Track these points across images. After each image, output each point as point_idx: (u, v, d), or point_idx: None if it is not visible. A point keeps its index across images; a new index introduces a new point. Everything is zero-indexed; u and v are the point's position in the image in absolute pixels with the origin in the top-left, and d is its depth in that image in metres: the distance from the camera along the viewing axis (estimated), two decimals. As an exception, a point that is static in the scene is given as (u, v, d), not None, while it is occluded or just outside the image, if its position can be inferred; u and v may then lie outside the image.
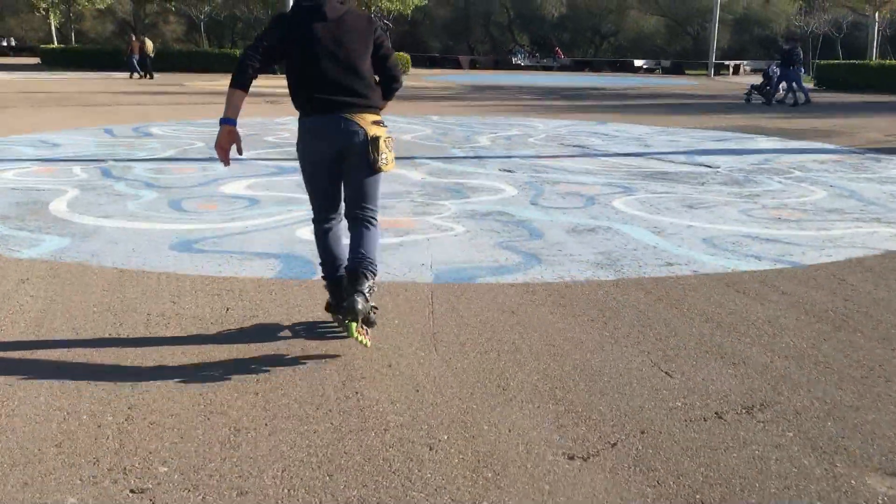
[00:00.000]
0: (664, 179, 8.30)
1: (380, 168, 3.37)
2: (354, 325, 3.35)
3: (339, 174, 3.46)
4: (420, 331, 3.74)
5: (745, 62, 49.25)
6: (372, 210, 3.49)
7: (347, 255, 3.45)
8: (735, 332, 3.78)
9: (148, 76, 29.23)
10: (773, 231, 5.95)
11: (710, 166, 9.29)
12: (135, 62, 29.36)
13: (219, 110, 3.60)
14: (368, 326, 3.49)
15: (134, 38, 31.39)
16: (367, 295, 3.30)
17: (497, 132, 12.90)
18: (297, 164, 3.53)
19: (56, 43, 46.14)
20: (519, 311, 4.05)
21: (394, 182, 7.76)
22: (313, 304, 4.07)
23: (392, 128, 3.62)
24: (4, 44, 53.95)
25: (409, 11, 47.41)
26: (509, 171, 8.77)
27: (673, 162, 9.67)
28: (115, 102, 17.86)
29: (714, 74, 43.01)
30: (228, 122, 3.33)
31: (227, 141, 3.36)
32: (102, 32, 60.45)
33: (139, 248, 5.18)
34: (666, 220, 6.27)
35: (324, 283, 3.67)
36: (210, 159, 9.17)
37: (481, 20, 65.13)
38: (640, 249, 5.36)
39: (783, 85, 20.51)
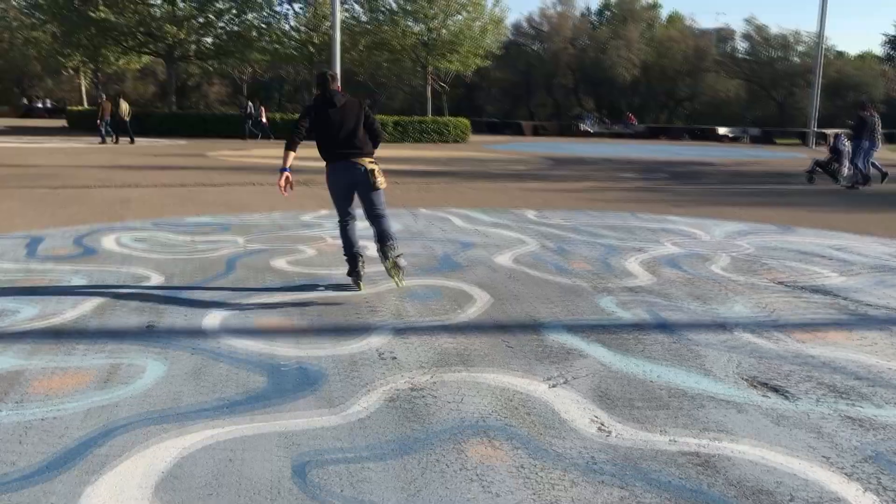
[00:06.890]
0: None
1: (377, 187, 5.64)
2: (395, 277, 5.85)
3: (352, 194, 5.80)
4: None
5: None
6: (381, 209, 5.73)
7: (366, 240, 6.14)
8: None
9: (129, 141, 25.46)
10: None
11: None
12: (105, 126, 25.39)
13: (234, 198, 8.29)
14: (400, 269, 5.85)
15: (104, 98, 27.18)
16: (397, 254, 5.78)
17: (643, 248, 8.14)
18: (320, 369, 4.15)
19: (86, 105, 43.05)
20: None
21: (528, 456, 3.03)
22: None
23: (477, 232, 7.42)
24: (40, 105, 51.23)
25: (469, 72, 43.67)
26: (765, 383, 4.02)
27: None
28: (99, 182, 13.61)
29: (813, 145, 37.87)
30: (284, 170, 5.64)
31: (285, 183, 5.67)
32: (144, 94, 57.61)
33: None
34: None
35: (345, 257, 5.90)
36: (144, 336, 4.56)
37: (543, 82, 60.89)
38: None
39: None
